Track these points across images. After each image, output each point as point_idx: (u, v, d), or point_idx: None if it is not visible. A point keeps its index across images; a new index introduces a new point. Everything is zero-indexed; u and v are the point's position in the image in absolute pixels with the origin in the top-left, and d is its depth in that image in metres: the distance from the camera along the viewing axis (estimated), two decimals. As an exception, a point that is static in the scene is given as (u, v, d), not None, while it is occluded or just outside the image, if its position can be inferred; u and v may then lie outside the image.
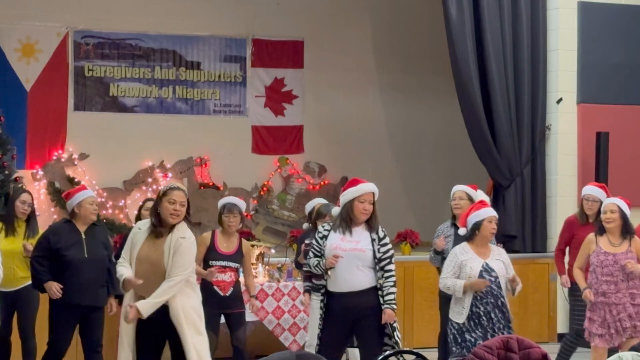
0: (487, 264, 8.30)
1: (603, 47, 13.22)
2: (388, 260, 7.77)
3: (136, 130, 15.24)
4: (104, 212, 14.83)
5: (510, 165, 13.20)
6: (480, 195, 9.72)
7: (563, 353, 9.91)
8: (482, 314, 8.19)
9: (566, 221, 10.49)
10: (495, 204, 13.51)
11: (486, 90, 13.05)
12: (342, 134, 16.29)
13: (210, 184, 15.68)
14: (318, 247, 7.80)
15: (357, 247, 7.70)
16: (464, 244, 8.42)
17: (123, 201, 15.22)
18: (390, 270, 7.77)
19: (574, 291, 9.96)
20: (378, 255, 7.72)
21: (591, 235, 9.12)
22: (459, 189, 9.70)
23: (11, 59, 14.74)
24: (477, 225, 8.33)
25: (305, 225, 10.91)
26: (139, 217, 9.90)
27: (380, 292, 7.69)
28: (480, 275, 8.21)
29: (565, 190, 13.18)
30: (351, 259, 7.66)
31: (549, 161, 13.36)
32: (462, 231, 8.49)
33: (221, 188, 15.69)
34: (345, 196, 7.81)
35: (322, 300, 7.81)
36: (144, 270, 7.35)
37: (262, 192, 16.05)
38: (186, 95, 15.71)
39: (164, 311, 7.31)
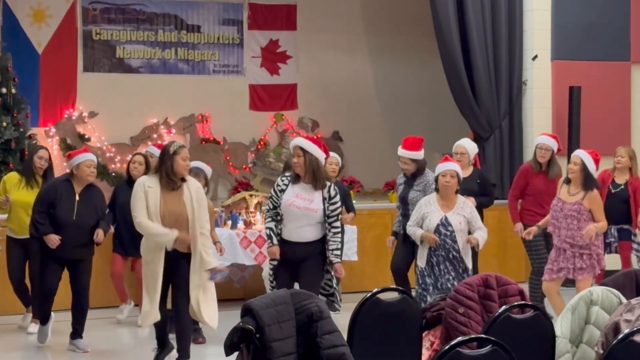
0: (446, 218, 8.36)
1: (575, 7, 13.16)
2: (335, 218, 7.81)
3: (141, 90, 15.20)
4: (113, 166, 14.85)
5: (490, 118, 13.18)
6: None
7: (534, 292, 9.90)
8: (434, 263, 8.34)
9: (521, 169, 10.41)
10: (476, 155, 13.54)
11: (467, 50, 13.03)
12: (333, 91, 16.24)
13: (211, 139, 15.64)
14: (276, 198, 7.84)
15: (309, 207, 7.73)
16: (433, 195, 8.55)
17: (130, 156, 15.15)
18: (337, 227, 7.82)
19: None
20: (327, 212, 7.76)
21: (560, 181, 9.10)
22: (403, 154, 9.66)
23: (24, 24, 14.65)
24: (436, 179, 8.50)
25: None
26: (128, 172, 9.96)
27: (327, 246, 7.80)
28: (437, 229, 8.31)
29: (540, 141, 13.16)
30: (302, 217, 7.74)
31: (525, 114, 13.35)
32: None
33: (221, 142, 15.67)
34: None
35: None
36: (169, 223, 7.50)
37: (259, 146, 16.03)
38: (187, 56, 15.65)
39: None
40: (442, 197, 8.44)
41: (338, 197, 7.83)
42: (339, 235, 7.87)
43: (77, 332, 8.86)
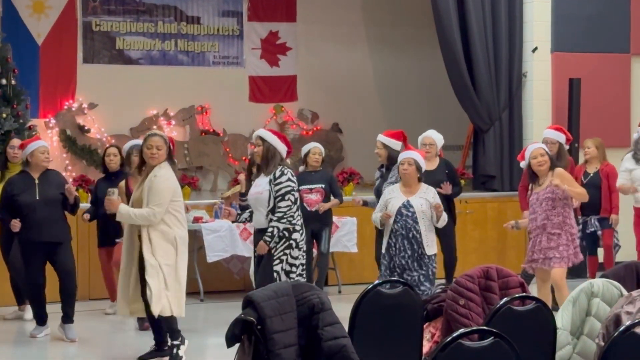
0: (408, 201, 8.58)
1: (575, -1, 13.17)
2: (280, 197, 7.79)
3: (141, 81, 15.17)
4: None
5: (490, 110, 13.18)
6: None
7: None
8: (392, 244, 8.55)
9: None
10: (475, 147, 13.56)
11: (466, 42, 13.03)
12: (332, 83, 16.22)
13: (211, 130, 15.62)
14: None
15: (258, 191, 7.87)
16: (396, 185, 8.80)
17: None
18: (279, 207, 7.78)
19: None
20: (273, 194, 7.80)
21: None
22: (378, 138, 9.84)
23: (23, 15, 14.61)
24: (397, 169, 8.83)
25: (301, 168, 10.91)
26: (104, 164, 10.06)
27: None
28: (398, 211, 8.53)
29: (540, 133, 13.07)
30: (254, 202, 7.93)
31: (525, 106, 13.35)
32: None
33: (221, 134, 15.65)
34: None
35: None
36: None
37: (259, 138, 16.00)
38: (187, 48, 15.62)
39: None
40: (404, 184, 8.69)
41: (284, 179, 7.79)
42: (279, 214, 7.76)
43: (67, 316, 8.90)
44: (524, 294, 5.59)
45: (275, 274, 7.70)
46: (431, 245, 8.58)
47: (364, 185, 14.38)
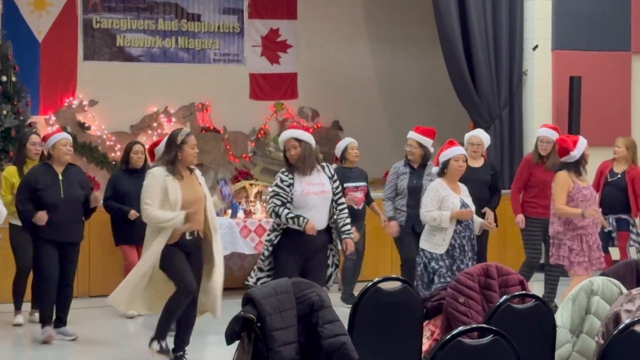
0: (462, 200, 8.27)
1: (576, -3, 13.17)
2: (340, 195, 7.78)
3: (142, 78, 15.17)
4: (113, 154, 14.81)
5: (490, 108, 13.18)
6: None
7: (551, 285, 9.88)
8: (457, 246, 8.16)
9: (523, 161, 10.34)
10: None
11: (467, 39, 13.02)
12: (333, 80, 16.22)
13: (211, 128, 15.62)
14: (285, 194, 7.57)
15: (324, 190, 7.66)
16: (440, 180, 8.32)
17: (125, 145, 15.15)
18: (343, 203, 7.79)
19: (527, 226, 10.01)
20: (334, 191, 7.72)
21: (565, 174, 8.83)
22: (412, 136, 9.61)
23: (24, 12, 14.62)
24: (446, 164, 8.27)
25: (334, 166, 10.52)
26: (127, 161, 9.94)
27: (337, 225, 7.74)
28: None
29: (540, 131, 13.17)
30: (321, 202, 7.63)
31: (526, 104, 13.35)
32: (434, 169, 8.47)
33: (221, 132, 15.65)
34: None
35: (277, 237, 7.66)
36: (195, 209, 7.46)
37: (259, 135, 16.01)
38: (188, 45, 15.62)
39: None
40: (451, 181, 8.31)
41: (336, 176, 7.82)
42: (346, 211, 7.79)
43: (61, 320, 8.82)
44: (524, 292, 5.60)
45: (329, 270, 7.73)
46: None
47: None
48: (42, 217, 8.48)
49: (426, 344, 5.71)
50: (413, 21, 16.21)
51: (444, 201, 8.17)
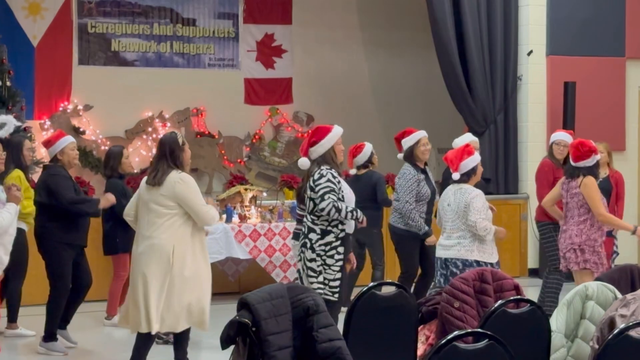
0: None
1: (571, 2, 13.18)
2: None
3: (136, 83, 15.18)
4: (108, 159, 14.78)
5: (485, 113, 13.19)
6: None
7: (552, 294, 9.63)
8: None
9: (545, 166, 9.91)
10: (470, 150, 13.52)
11: (462, 44, 13.04)
12: (328, 85, 16.24)
13: (206, 132, 15.63)
14: (338, 191, 7.32)
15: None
16: (474, 187, 7.98)
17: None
18: None
19: (547, 232, 9.73)
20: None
21: (593, 179, 8.44)
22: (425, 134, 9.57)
23: (19, 17, 14.63)
24: (474, 170, 8.00)
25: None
26: (116, 167, 9.53)
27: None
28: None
29: (535, 136, 13.20)
30: (353, 199, 7.57)
31: (520, 109, 13.37)
32: (455, 176, 7.97)
33: (216, 136, 15.66)
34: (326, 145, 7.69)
35: (341, 248, 7.36)
36: None
37: (254, 140, 16.02)
38: (183, 50, 15.63)
39: None
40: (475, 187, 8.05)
41: None
42: None
43: (68, 321, 8.72)
44: (519, 296, 5.60)
45: None
46: None
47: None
48: (111, 197, 8.72)
49: (421, 349, 5.71)
50: (408, 26, 16.23)
51: (487, 210, 7.96)
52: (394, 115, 16.27)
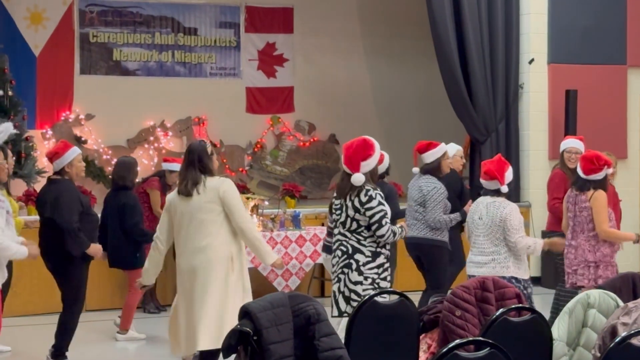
0: None
1: (572, 10, 13.18)
2: None
3: (138, 92, 15.19)
4: (109, 168, 14.76)
5: (486, 121, 13.19)
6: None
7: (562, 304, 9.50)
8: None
9: (558, 175, 9.66)
10: (472, 158, 13.56)
11: (463, 53, 13.03)
12: (330, 94, 16.25)
13: (208, 141, 15.64)
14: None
15: None
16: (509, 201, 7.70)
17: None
18: None
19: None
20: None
21: (604, 193, 8.25)
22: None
23: (21, 26, 14.65)
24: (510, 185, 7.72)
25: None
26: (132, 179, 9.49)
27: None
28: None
29: (537, 145, 13.20)
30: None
31: (522, 118, 13.36)
32: (504, 189, 7.59)
33: (218, 145, 15.65)
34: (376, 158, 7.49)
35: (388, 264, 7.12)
36: None
37: (256, 149, 16.03)
38: (184, 59, 15.65)
39: None
40: None
41: None
42: None
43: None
44: (520, 305, 5.59)
45: None
46: None
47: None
48: (98, 250, 8.08)
49: (422, 357, 5.71)
50: (409, 35, 16.24)
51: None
52: (396, 123, 16.28)
